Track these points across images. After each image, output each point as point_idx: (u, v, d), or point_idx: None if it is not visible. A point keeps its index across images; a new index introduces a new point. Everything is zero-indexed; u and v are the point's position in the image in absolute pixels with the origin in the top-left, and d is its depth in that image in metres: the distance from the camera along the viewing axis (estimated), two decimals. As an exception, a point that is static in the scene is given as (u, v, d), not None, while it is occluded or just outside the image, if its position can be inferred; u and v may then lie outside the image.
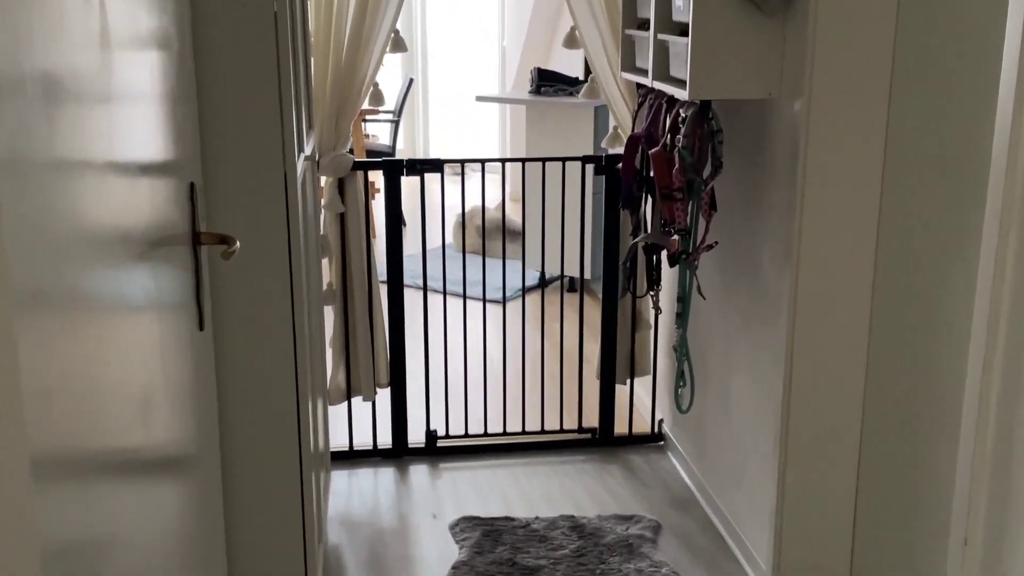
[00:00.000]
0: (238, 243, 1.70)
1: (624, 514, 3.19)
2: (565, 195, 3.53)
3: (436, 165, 3.39)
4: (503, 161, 3.44)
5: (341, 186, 3.35)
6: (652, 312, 3.58)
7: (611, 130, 3.56)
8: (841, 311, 2.53)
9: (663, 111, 2.84)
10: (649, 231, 3.13)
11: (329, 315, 3.48)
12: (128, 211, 1.31)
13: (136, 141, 1.39)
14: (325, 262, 3.45)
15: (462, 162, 3.43)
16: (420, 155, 9.84)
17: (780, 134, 2.60)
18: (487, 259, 3.78)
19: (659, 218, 2.95)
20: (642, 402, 3.91)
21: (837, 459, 2.62)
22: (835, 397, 2.58)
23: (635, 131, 3.08)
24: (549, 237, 3.68)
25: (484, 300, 3.74)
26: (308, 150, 2.73)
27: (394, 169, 3.39)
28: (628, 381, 3.72)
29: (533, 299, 5.44)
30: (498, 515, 3.19)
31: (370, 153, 7.00)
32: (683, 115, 2.65)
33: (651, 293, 3.19)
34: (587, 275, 5.55)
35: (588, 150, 5.12)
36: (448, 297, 3.72)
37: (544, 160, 3.49)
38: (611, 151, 3.57)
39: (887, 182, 2.46)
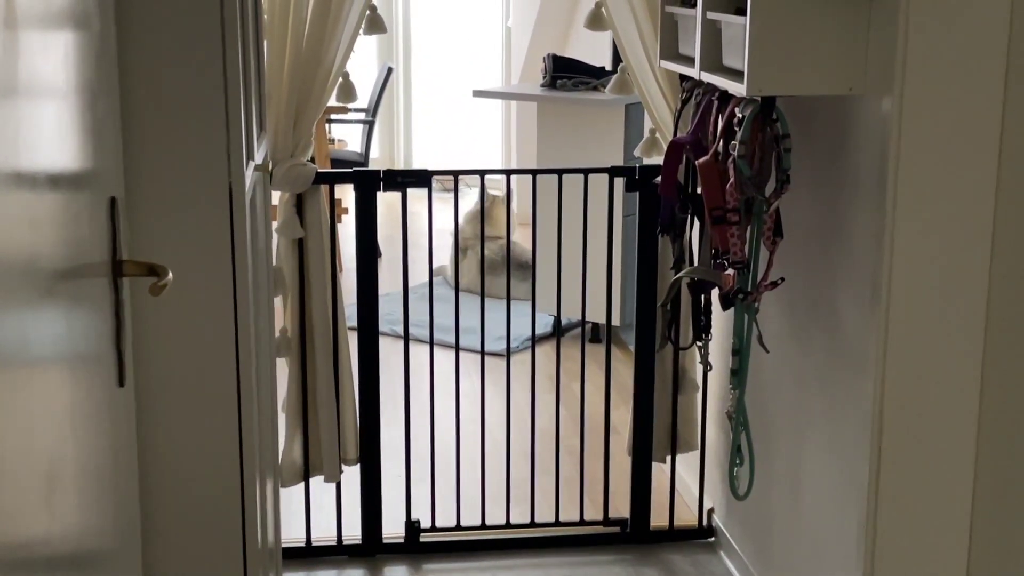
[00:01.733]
0: (170, 274, 1.72)
1: (664, 632, 3.19)
2: (587, 218, 3.57)
3: (422, 178, 3.43)
4: (507, 172, 3.49)
5: (300, 204, 3.38)
6: (700, 369, 3.59)
7: (647, 134, 3.60)
8: (946, 366, 2.55)
9: (714, 111, 2.87)
10: (696, 263, 3.15)
11: (283, 370, 3.50)
12: (30, 233, 1.33)
13: (42, 144, 1.41)
14: (278, 302, 3.48)
15: (455, 174, 3.47)
16: (401, 166, 9.92)
17: (864, 140, 2.62)
18: (487, 300, 3.80)
19: (709, 247, 2.97)
20: (686, 486, 3.91)
21: (941, 558, 2.62)
22: (937, 479, 2.59)
23: (678, 136, 3.11)
24: (567, 272, 3.71)
25: (483, 353, 3.76)
26: (259, 158, 2.76)
27: (368, 182, 3.43)
28: (669, 459, 3.72)
29: (546, 351, 5.46)
30: (500, 633, 3.19)
31: (336, 163, 7.06)
32: (739, 116, 2.68)
33: (698, 344, 3.21)
34: (615, 321, 5.55)
35: (617, 160, 5.15)
36: (436, 348, 3.74)
37: (560, 172, 3.53)
38: (647, 161, 3.60)
39: (1002, 200, 2.48)
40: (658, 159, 3.44)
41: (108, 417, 1.72)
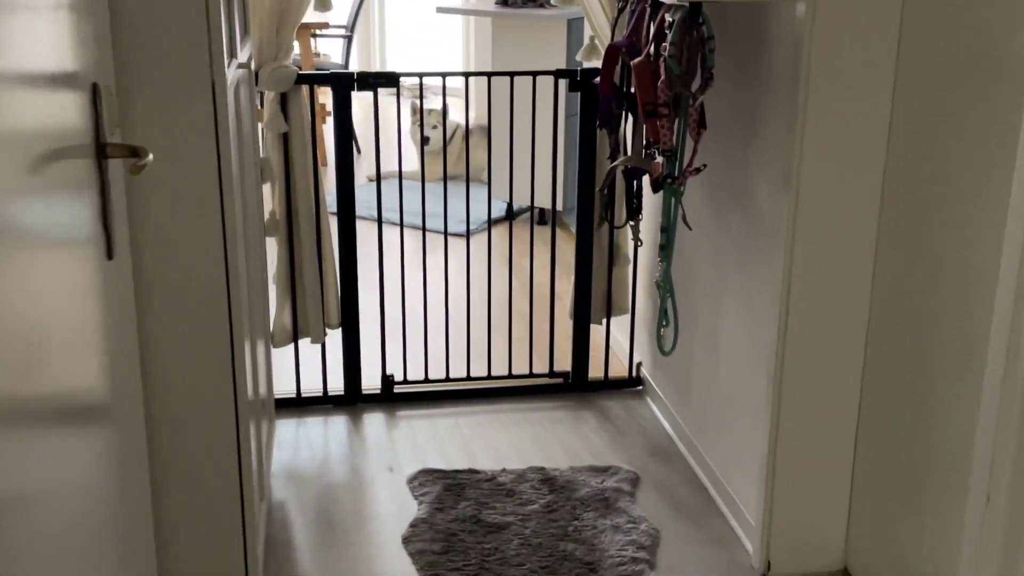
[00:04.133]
0: (150, 155, 1.54)
1: (599, 465, 3.09)
2: (536, 116, 3.37)
3: (391, 79, 3.21)
4: (466, 75, 3.27)
5: (284, 103, 3.17)
6: (632, 245, 3.44)
7: (587, 41, 3.39)
8: (845, 242, 2.41)
9: (647, 18, 2.67)
10: (630, 154, 2.99)
11: (273, 248, 3.31)
12: (9, 116, 1.15)
13: (19, 29, 1.22)
14: (267, 189, 3.28)
15: (420, 75, 3.25)
16: (377, 76, 9.60)
17: (780, 42, 2.45)
18: (449, 187, 3.61)
19: (641, 139, 2.80)
20: (619, 344, 3.80)
21: (836, 407, 2.51)
22: (835, 339, 2.47)
23: (615, 41, 2.92)
24: (518, 164, 3.53)
25: (445, 234, 3.59)
26: (243, 57, 2.55)
27: (343, 84, 3.21)
28: (604, 321, 3.60)
29: (500, 232, 5.30)
30: (461, 467, 3.07)
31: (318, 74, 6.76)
32: (669, 20, 2.49)
33: (631, 223, 3.06)
34: (559, 206, 5.41)
35: (561, 65, 4.94)
36: (406, 230, 3.55)
37: (512, 74, 3.32)
38: (587, 64, 3.40)
39: (900, 95, 2.32)
40: (597, 63, 3.24)
41: (99, 286, 1.55)
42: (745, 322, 2.71)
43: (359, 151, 7.00)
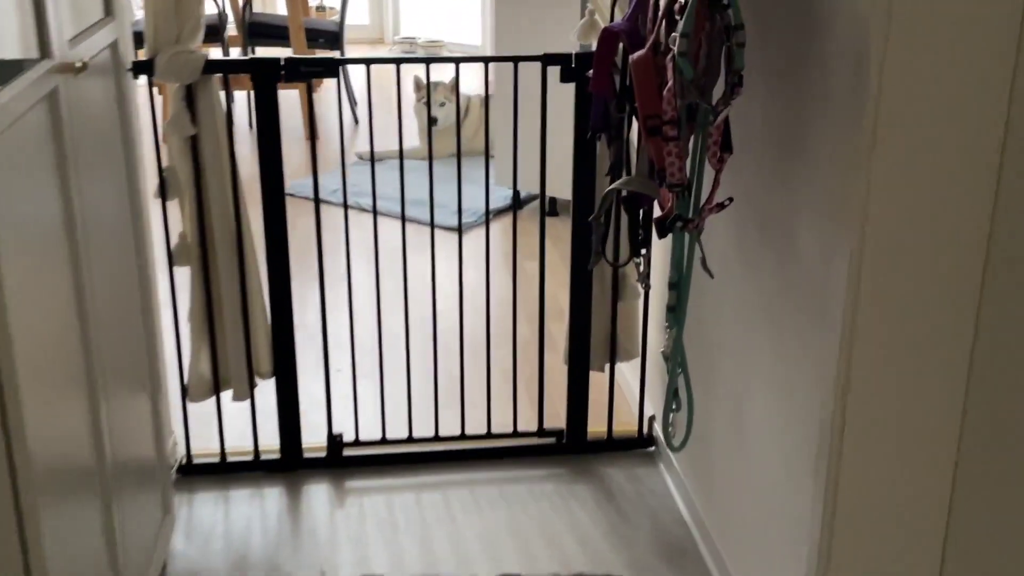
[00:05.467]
0: None
1: (594, 574, 2.41)
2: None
3: (329, 67, 2.50)
4: (427, 61, 2.54)
5: (191, 97, 2.48)
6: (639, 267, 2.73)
7: (586, 16, 2.66)
8: (929, 310, 1.70)
9: (654, -7, 1.96)
10: (634, 172, 2.28)
11: (187, 280, 2.65)
12: None
13: None
14: (176, 207, 2.61)
15: (367, 62, 2.54)
16: (389, 34, 8.84)
17: (839, 34, 1.72)
18: (448, 170, 2.89)
19: (647, 155, 2.10)
20: (626, 391, 3.10)
21: (912, 532, 1.81)
22: (913, 440, 1.76)
23: (613, 22, 2.19)
24: (525, 146, 2.75)
25: (404, 242, 2.85)
26: (94, 49, 1.87)
27: (267, 73, 2.50)
28: (607, 368, 2.90)
29: (503, 227, 4.60)
30: (415, 574, 2.41)
31: (310, 33, 6.05)
32: (682, 2, 1.77)
33: (636, 260, 2.35)
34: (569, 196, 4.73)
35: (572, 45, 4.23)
36: (390, 221, 2.79)
37: (487, 60, 2.61)
38: (584, 46, 2.68)
39: (1019, 113, 1.59)
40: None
41: None
42: (784, 405, 2.01)
43: (356, 121, 6.29)
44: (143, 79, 2.42)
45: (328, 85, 6.96)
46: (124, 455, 2.07)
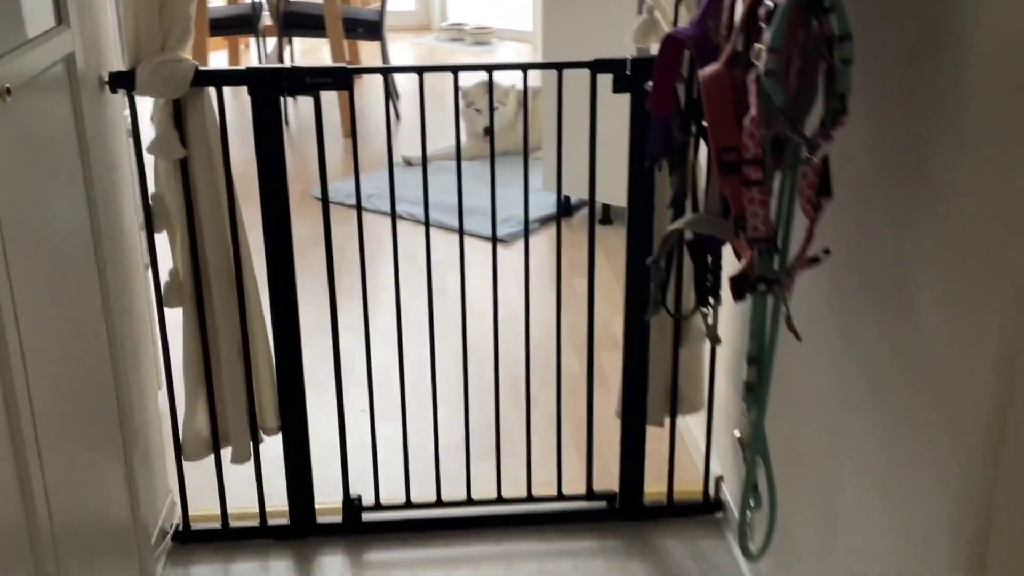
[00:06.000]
0: None
1: None
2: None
3: (340, 77, 2.13)
4: (453, 69, 2.16)
5: (179, 113, 2.13)
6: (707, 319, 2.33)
7: (643, 15, 2.26)
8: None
9: (730, -10, 1.57)
10: (701, 209, 1.89)
11: (179, 322, 2.31)
12: None
13: None
14: (164, 239, 2.27)
15: (384, 71, 2.17)
16: (436, 19, 8.47)
17: (979, 50, 1.31)
18: (483, 170, 2.54)
19: (718, 190, 1.71)
20: (690, 446, 2.72)
21: None
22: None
23: (678, 28, 1.79)
24: (572, 149, 2.36)
25: (428, 268, 2.48)
26: (51, 54, 1.52)
27: (267, 85, 2.13)
28: (667, 422, 2.51)
29: (546, 238, 4.21)
30: (437, 677, 2.06)
31: (347, 23, 5.69)
32: (770, 3, 1.37)
33: (703, 311, 1.96)
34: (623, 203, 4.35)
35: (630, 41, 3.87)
36: (413, 228, 2.44)
37: (525, 68, 2.22)
38: (642, 50, 2.29)
39: None
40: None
41: None
42: (887, 508, 1.61)
43: (398, 116, 5.93)
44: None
45: (369, 77, 6.61)
46: (73, 520, 1.73)
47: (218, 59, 6.77)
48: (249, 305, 2.29)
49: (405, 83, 6.76)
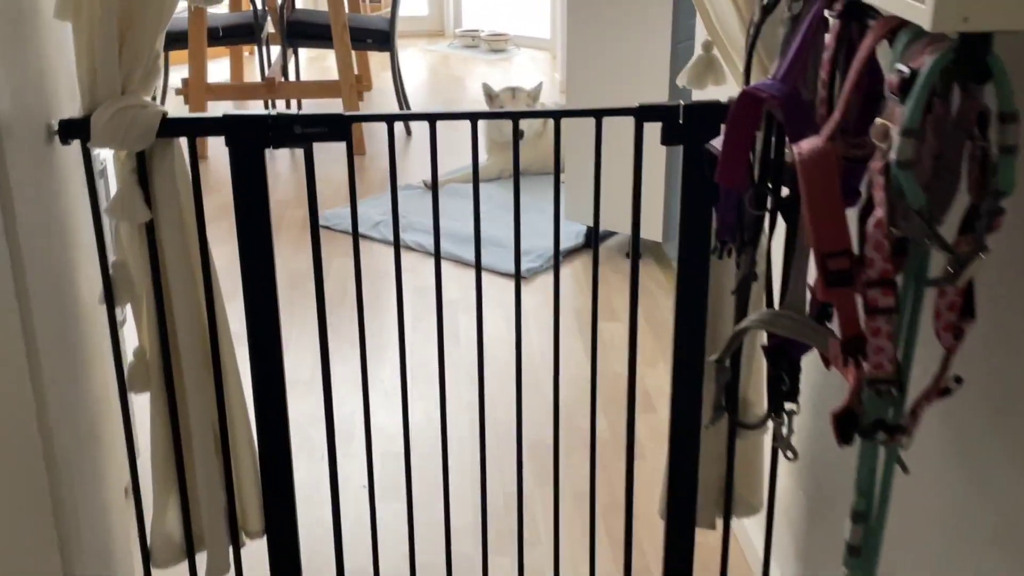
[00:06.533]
0: None
1: None
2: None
3: (336, 126, 1.78)
4: (473, 117, 1.81)
5: (144, 168, 1.79)
6: (764, 402, 1.97)
7: (698, 51, 1.90)
8: None
9: (833, 38, 1.22)
10: (777, 301, 1.54)
11: (145, 408, 1.97)
12: None
13: None
14: (129, 314, 1.93)
15: (389, 119, 1.81)
16: (450, 27, 8.12)
17: None
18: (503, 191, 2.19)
19: (803, 277, 1.38)
20: (746, 550, 2.36)
21: None
22: None
23: (754, 83, 1.44)
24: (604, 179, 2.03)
25: (440, 318, 2.15)
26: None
27: (248, 135, 1.79)
28: (720, 523, 2.15)
29: (571, 272, 3.86)
30: None
31: (356, 33, 5.36)
32: (902, 72, 1.02)
33: (775, 418, 1.61)
34: (657, 237, 4.01)
35: (662, 61, 3.52)
36: (420, 262, 2.10)
37: (557, 115, 1.86)
38: (686, 86, 1.93)
39: None
40: (717, 93, 1.78)
41: None
42: None
43: (408, 132, 5.58)
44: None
45: (380, 88, 6.27)
46: None
47: (219, 68, 6.45)
48: (228, 389, 1.95)
49: (417, 92, 6.43)
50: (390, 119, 1.80)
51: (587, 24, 3.79)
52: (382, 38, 5.50)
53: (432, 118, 1.80)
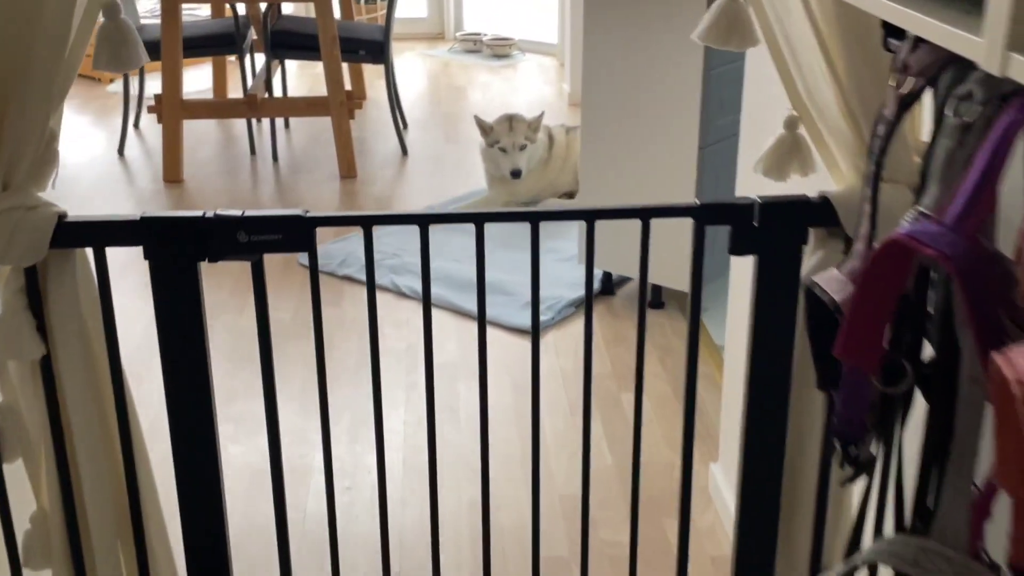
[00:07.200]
0: None
1: None
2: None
3: (296, 235, 1.33)
4: (478, 220, 1.36)
5: (34, 287, 1.33)
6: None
7: (782, 131, 1.44)
8: None
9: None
10: (933, 527, 1.09)
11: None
12: None
13: None
14: (19, 472, 1.48)
15: (367, 222, 1.35)
16: (451, 30, 7.65)
17: None
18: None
19: (966, 494, 0.93)
20: None
21: None
22: None
23: (877, 186, 0.99)
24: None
25: (431, 413, 1.71)
26: None
27: (171, 246, 1.33)
28: None
29: (580, 328, 3.40)
30: None
31: (346, 44, 4.89)
32: None
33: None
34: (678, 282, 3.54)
35: (695, 66, 3.09)
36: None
37: (591, 217, 1.40)
38: (778, 185, 1.48)
39: None
40: (804, 184, 1.34)
41: None
42: None
43: (405, 151, 5.13)
44: None
45: (374, 98, 5.81)
46: None
47: (199, 77, 5.99)
48: (155, 565, 1.50)
49: (414, 105, 5.98)
50: (367, 222, 1.34)
51: (607, 30, 3.31)
52: (376, 49, 5.03)
53: (424, 221, 1.34)
